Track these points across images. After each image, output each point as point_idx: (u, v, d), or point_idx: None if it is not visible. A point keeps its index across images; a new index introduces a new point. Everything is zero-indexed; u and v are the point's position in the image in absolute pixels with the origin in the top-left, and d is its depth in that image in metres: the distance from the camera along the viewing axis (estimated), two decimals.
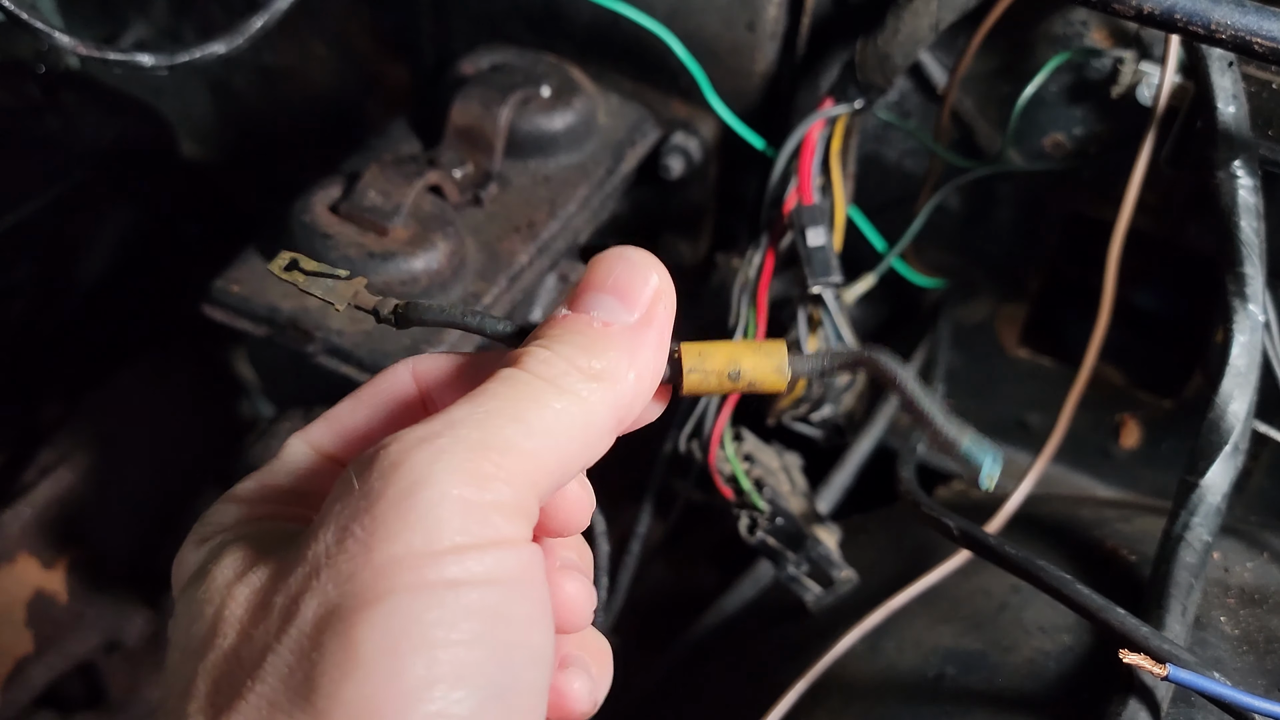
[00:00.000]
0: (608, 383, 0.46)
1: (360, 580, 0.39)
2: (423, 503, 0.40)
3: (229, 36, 0.84)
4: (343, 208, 0.86)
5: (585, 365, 0.45)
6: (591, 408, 0.45)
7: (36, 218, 1.14)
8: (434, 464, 0.41)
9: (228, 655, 0.41)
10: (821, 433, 1.05)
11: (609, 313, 0.47)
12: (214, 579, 0.43)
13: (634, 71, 1.03)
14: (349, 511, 0.41)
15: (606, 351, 0.46)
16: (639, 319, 0.47)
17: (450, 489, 0.40)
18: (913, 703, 0.73)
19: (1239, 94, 0.77)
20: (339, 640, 0.39)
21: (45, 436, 1.19)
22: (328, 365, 0.83)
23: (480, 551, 0.40)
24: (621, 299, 0.47)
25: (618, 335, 0.47)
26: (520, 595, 0.41)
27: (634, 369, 0.46)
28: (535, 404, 0.44)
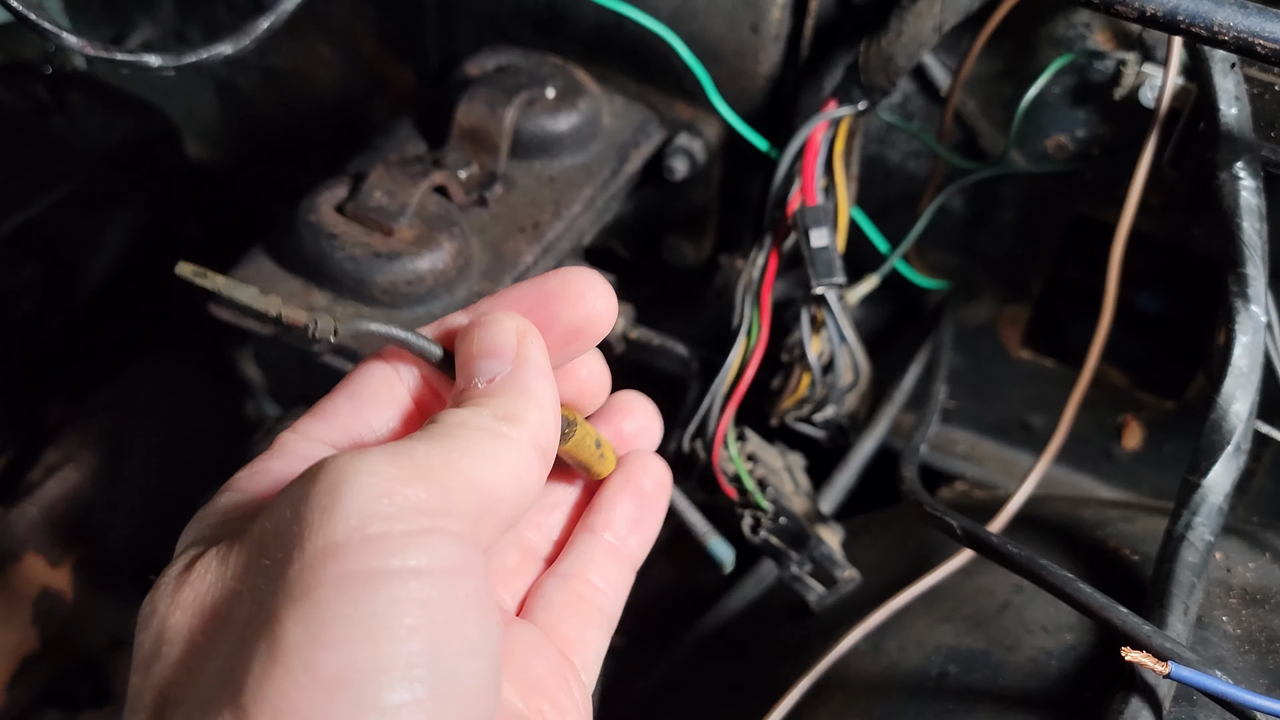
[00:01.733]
0: (518, 421, 0.48)
1: (289, 575, 0.40)
2: (349, 492, 0.40)
3: (235, 38, 0.84)
4: (349, 208, 0.86)
5: (490, 413, 0.47)
6: (512, 442, 0.47)
7: (43, 218, 1.14)
8: (359, 461, 0.42)
9: (174, 665, 0.42)
10: (824, 433, 1.05)
11: (489, 371, 0.49)
12: (161, 589, 0.44)
13: (638, 73, 1.04)
14: (281, 511, 0.42)
15: (504, 399, 0.48)
16: (516, 363, 0.50)
17: (376, 479, 0.41)
18: (915, 701, 0.74)
19: (1241, 96, 0.78)
20: (265, 637, 0.39)
21: (51, 435, 1.19)
22: (333, 364, 0.84)
23: (409, 539, 0.40)
24: (491, 357, 0.50)
25: (505, 384, 0.49)
26: (453, 586, 0.41)
27: (534, 403, 0.49)
28: (459, 436, 0.46)
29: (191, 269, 0.50)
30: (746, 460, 0.94)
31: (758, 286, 0.92)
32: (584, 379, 0.57)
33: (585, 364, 0.57)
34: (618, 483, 0.60)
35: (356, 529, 0.40)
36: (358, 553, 0.39)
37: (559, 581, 0.57)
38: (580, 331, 0.53)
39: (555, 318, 0.52)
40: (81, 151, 1.20)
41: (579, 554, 0.59)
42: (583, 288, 0.52)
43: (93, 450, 1.18)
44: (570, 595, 0.57)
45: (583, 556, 0.58)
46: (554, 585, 0.57)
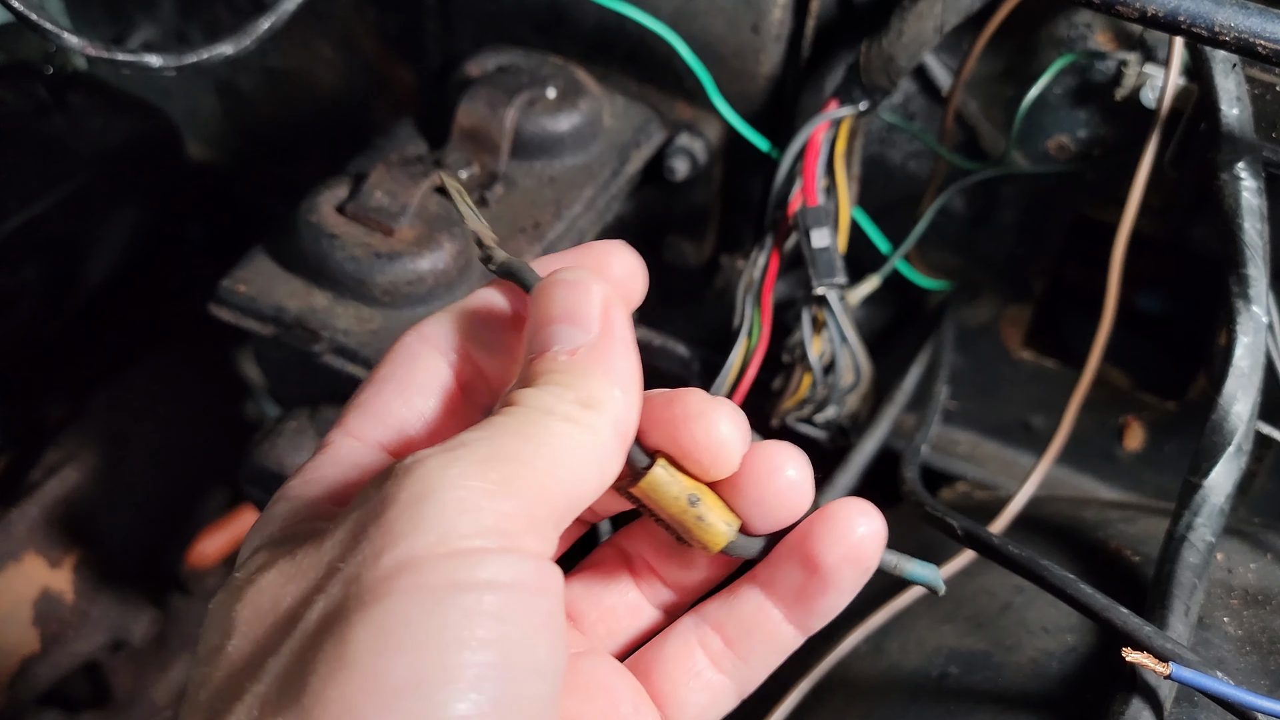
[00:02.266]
0: (602, 406, 0.45)
1: (364, 582, 0.39)
2: (434, 506, 0.39)
3: (236, 38, 0.84)
4: (349, 208, 0.86)
5: (572, 397, 0.45)
6: (594, 430, 0.44)
7: (44, 218, 1.14)
8: (447, 470, 0.40)
9: (234, 661, 0.41)
10: (826, 434, 1.05)
11: (569, 340, 0.46)
12: (231, 588, 0.43)
13: (639, 73, 1.04)
14: (362, 517, 0.41)
15: (585, 377, 0.45)
16: (599, 334, 0.46)
17: (462, 493, 0.40)
18: (916, 702, 0.73)
19: (1243, 96, 0.78)
20: (333, 640, 0.38)
21: (52, 436, 1.20)
22: (334, 365, 0.83)
23: (487, 555, 0.39)
24: (575, 323, 0.46)
25: (588, 359, 0.46)
26: (528, 603, 0.40)
27: (616, 384, 0.46)
28: (542, 428, 0.43)
29: (455, 185, 0.50)
30: None
31: (759, 287, 0.92)
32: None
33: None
34: (790, 543, 0.50)
35: (438, 543, 0.39)
36: (437, 566, 0.38)
37: (691, 624, 0.52)
38: None
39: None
40: (82, 152, 1.20)
41: (734, 604, 0.52)
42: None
43: (93, 450, 1.18)
44: (689, 647, 0.52)
45: (735, 608, 0.52)
46: (683, 629, 0.52)
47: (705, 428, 0.47)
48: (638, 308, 0.99)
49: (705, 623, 0.52)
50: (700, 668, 0.52)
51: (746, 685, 0.53)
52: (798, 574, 0.50)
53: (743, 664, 0.52)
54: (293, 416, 0.88)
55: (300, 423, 0.88)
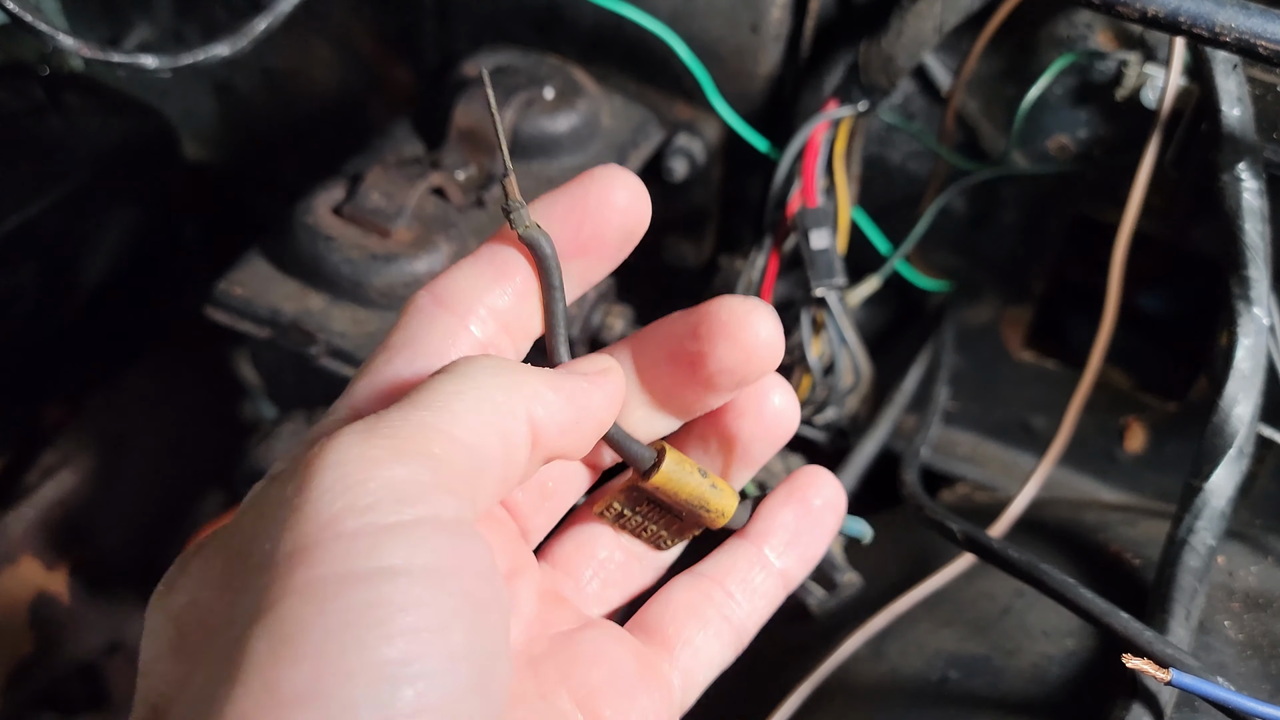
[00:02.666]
0: (534, 370, 0.44)
1: (258, 586, 0.36)
2: (315, 488, 0.36)
3: (232, 38, 0.84)
4: (346, 210, 0.86)
5: (585, 367, 0.46)
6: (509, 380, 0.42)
7: (40, 220, 1.14)
8: (329, 448, 0.37)
9: (162, 677, 0.40)
10: (825, 436, 1.04)
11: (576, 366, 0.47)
12: (155, 595, 0.42)
13: (637, 73, 1.03)
14: (256, 513, 0.39)
15: (592, 359, 0.47)
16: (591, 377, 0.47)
17: (343, 469, 0.37)
18: (916, 706, 0.73)
19: (1244, 97, 0.77)
20: (232, 655, 0.35)
21: (48, 438, 1.19)
22: (330, 367, 0.83)
23: (386, 534, 0.36)
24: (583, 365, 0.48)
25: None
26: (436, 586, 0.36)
27: (576, 371, 0.46)
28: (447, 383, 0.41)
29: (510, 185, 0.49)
30: None
31: (758, 288, 0.92)
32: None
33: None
34: (781, 494, 0.56)
35: (327, 527, 0.35)
36: (327, 555, 0.35)
37: (689, 580, 0.54)
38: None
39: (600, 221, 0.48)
40: (78, 152, 1.19)
41: (722, 558, 0.55)
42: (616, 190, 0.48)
43: (90, 453, 1.18)
44: (695, 595, 0.53)
45: (725, 562, 0.54)
46: (682, 584, 0.54)
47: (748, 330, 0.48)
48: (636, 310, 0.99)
49: (703, 577, 0.54)
50: (707, 614, 0.53)
51: (748, 626, 0.55)
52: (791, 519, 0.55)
53: (739, 605, 0.54)
54: (289, 419, 0.88)
55: (297, 425, 0.88)
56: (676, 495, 0.51)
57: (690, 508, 0.52)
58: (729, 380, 0.49)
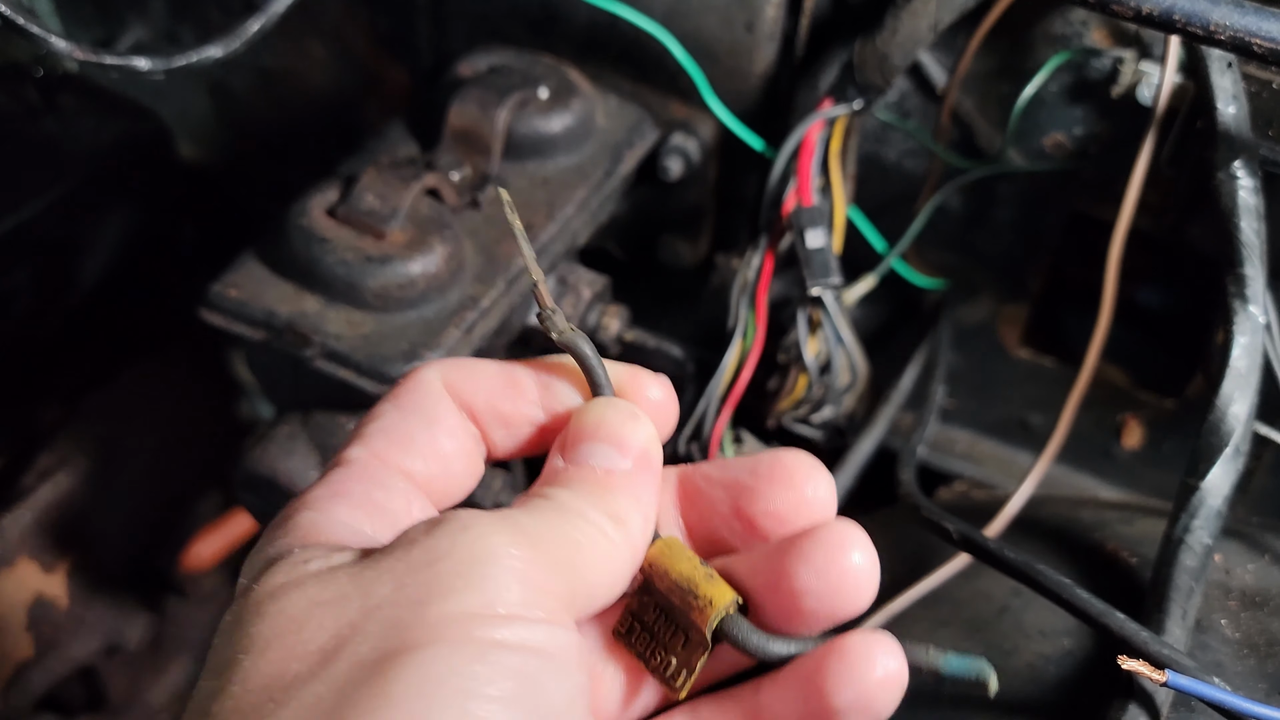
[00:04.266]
0: (624, 527, 0.48)
1: (409, 628, 0.40)
2: (487, 570, 0.42)
3: (226, 40, 0.84)
4: (340, 211, 0.85)
5: (604, 508, 0.47)
6: (616, 547, 0.47)
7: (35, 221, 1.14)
8: (500, 536, 0.43)
9: (255, 680, 0.41)
10: (822, 434, 1.04)
11: (606, 460, 0.49)
12: (251, 598, 0.43)
13: (632, 72, 1.03)
14: (410, 565, 0.42)
15: (617, 497, 0.48)
16: (635, 464, 0.49)
17: (515, 564, 0.42)
18: (913, 706, 0.73)
19: (1239, 94, 0.77)
20: (376, 678, 0.39)
21: (45, 440, 1.19)
22: (325, 369, 0.83)
23: (529, 622, 0.42)
24: (614, 446, 0.49)
25: (621, 481, 0.48)
26: (561, 671, 0.42)
27: (640, 513, 0.49)
28: (578, 528, 0.46)
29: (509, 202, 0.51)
30: None
31: (753, 288, 0.92)
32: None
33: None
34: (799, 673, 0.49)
35: (486, 605, 0.41)
36: (478, 623, 0.41)
37: None
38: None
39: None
40: (73, 153, 1.19)
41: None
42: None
43: (86, 454, 1.18)
44: None
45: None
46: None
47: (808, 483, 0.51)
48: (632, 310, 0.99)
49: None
50: None
51: None
52: (798, 706, 0.49)
53: None
54: (285, 421, 0.88)
55: (293, 427, 0.87)
56: (667, 576, 0.50)
57: (682, 596, 0.49)
58: (773, 523, 0.51)
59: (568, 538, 0.45)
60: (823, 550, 0.49)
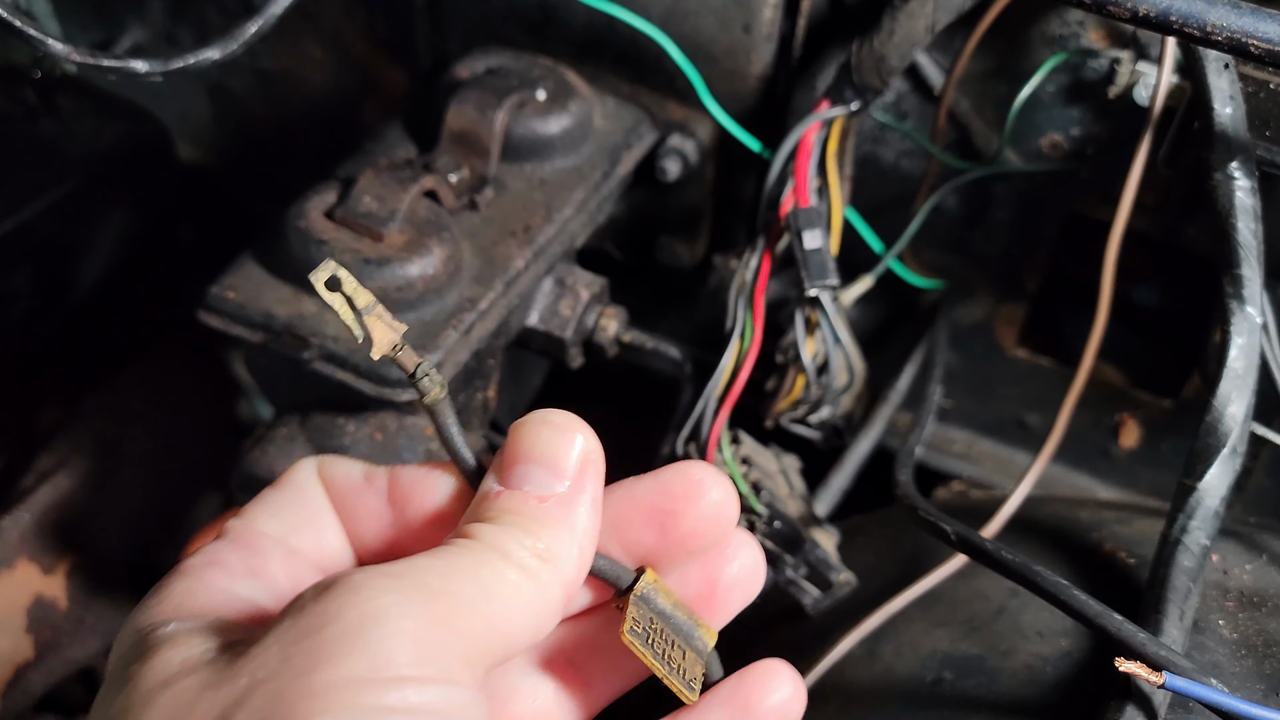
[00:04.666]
0: (555, 562, 0.45)
1: (294, 700, 0.38)
2: (376, 633, 0.40)
3: (223, 42, 0.84)
4: (338, 213, 0.85)
5: (532, 545, 0.45)
6: (544, 586, 0.45)
7: (33, 223, 1.14)
8: (389, 597, 0.41)
9: None
10: (820, 434, 1.05)
11: (540, 485, 0.47)
12: (138, 688, 0.42)
13: (630, 74, 1.03)
14: (297, 632, 0.40)
15: (549, 529, 0.46)
16: (570, 487, 0.47)
17: (404, 624, 0.40)
18: (911, 707, 0.73)
19: (1236, 95, 0.77)
20: None
21: (44, 441, 1.19)
22: (324, 371, 0.83)
23: (422, 684, 0.40)
24: (549, 469, 0.47)
25: (554, 509, 0.46)
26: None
27: (576, 543, 0.47)
28: (494, 572, 0.44)
29: (328, 278, 0.48)
30: (740, 464, 0.93)
31: (751, 288, 0.92)
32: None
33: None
34: (725, 690, 0.53)
35: (377, 669, 0.39)
36: (366, 689, 0.39)
37: None
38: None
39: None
40: (72, 155, 1.19)
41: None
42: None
43: (86, 456, 1.18)
44: None
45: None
46: None
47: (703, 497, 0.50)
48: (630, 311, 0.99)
49: None
50: None
51: None
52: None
53: None
54: (283, 423, 0.88)
55: (291, 429, 0.87)
56: (669, 599, 0.52)
57: (686, 616, 0.52)
58: (695, 540, 0.52)
59: (480, 586, 0.43)
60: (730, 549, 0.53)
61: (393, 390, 0.81)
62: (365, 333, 0.49)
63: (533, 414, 0.49)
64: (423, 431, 0.85)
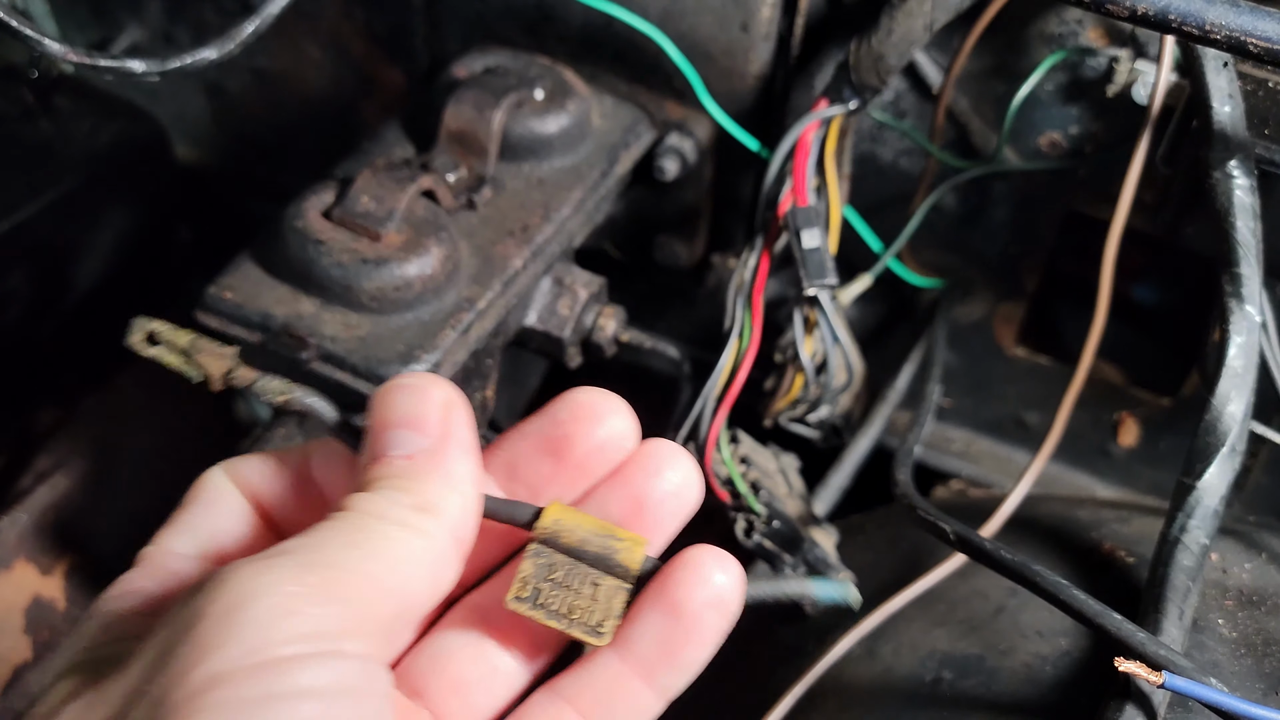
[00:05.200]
0: (437, 510, 0.45)
1: (170, 702, 0.37)
2: (248, 614, 0.38)
3: (220, 42, 0.84)
4: (335, 213, 0.85)
5: (409, 501, 0.45)
6: (429, 536, 0.44)
7: (31, 223, 1.13)
8: (262, 577, 0.39)
9: None
10: (819, 434, 1.05)
11: (407, 444, 0.46)
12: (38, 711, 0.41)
13: (628, 73, 1.03)
14: (171, 633, 0.39)
15: (423, 482, 0.45)
16: (436, 439, 0.47)
17: (278, 599, 0.39)
18: (910, 707, 0.73)
19: (1235, 93, 0.77)
20: None
21: (42, 442, 1.19)
22: (322, 371, 0.83)
23: (305, 661, 0.38)
24: (413, 428, 0.47)
25: (424, 462, 0.46)
26: (350, 708, 0.38)
27: (455, 489, 0.46)
28: (372, 533, 0.43)
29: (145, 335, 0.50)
30: (739, 463, 0.93)
31: (749, 288, 0.92)
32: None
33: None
34: (652, 593, 0.50)
35: (250, 654, 0.37)
36: (250, 678, 0.37)
37: (545, 700, 0.50)
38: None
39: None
40: (69, 156, 1.19)
41: (582, 675, 0.50)
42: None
43: (84, 456, 1.17)
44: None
45: (584, 680, 0.50)
46: (538, 705, 0.51)
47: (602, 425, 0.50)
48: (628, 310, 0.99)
49: (559, 697, 0.51)
50: None
51: None
52: (660, 625, 0.49)
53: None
54: (281, 423, 0.88)
55: (289, 429, 0.87)
56: (578, 531, 0.50)
57: (601, 543, 0.50)
58: (598, 460, 0.51)
59: (360, 550, 0.42)
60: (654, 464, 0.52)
61: None
62: (200, 371, 0.51)
63: (388, 382, 0.49)
64: None
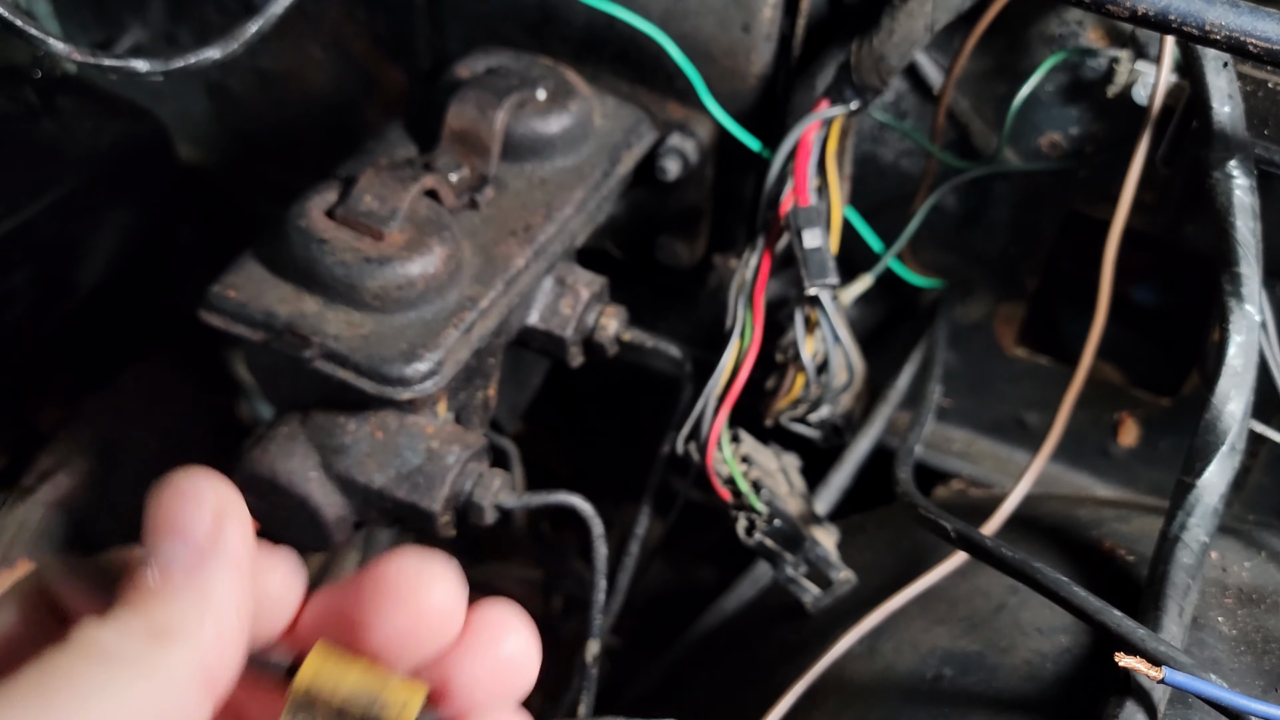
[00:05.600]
0: (180, 641, 0.38)
1: None
2: None
3: (224, 42, 0.84)
4: (339, 212, 0.86)
5: (146, 627, 0.38)
6: (157, 673, 0.37)
7: (34, 223, 1.14)
8: None
9: None
10: (820, 433, 1.05)
11: (165, 558, 0.40)
12: None
13: (630, 73, 1.03)
14: None
15: (170, 604, 0.39)
16: (199, 553, 0.40)
17: None
18: (911, 704, 0.73)
19: (1234, 94, 0.77)
20: None
21: (44, 441, 1.19)
22: (325, 370, 0.83)
23: None
24: (177, 536, 0.40)
25: (180, 581, 0.39)
26: None
27: (208, 612, 0.39)
28: (84, 687, 0.36)
29: None
30: (740, 462, 0.93)
31: (750, 288, 0.92)
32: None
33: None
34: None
35: None
36: None
37: None
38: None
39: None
40: (72, 156, 1.19)
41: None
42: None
43: (86, 456, 1.18)
44: None
45: None
46: None
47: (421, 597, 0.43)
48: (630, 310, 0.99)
49: None
50: None
51: None
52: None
53: None
54: (284, 422, 0.88)
55: (292, 428, 0.88)
56: (339, 690, 0.43)
57: (366, 706, 0.43)
58: (401, 651, 0.44)
59: (64, 705, 0.35)
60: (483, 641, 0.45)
61: (394, 389, 0.82)
62: None
63: (165, 478, 0.42)
64: (424, 430, 0.85)
